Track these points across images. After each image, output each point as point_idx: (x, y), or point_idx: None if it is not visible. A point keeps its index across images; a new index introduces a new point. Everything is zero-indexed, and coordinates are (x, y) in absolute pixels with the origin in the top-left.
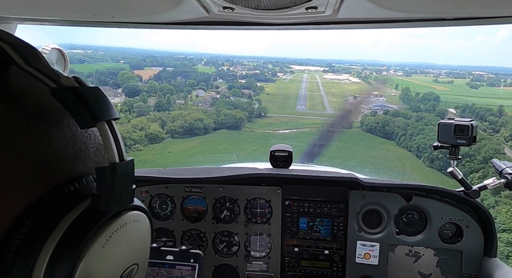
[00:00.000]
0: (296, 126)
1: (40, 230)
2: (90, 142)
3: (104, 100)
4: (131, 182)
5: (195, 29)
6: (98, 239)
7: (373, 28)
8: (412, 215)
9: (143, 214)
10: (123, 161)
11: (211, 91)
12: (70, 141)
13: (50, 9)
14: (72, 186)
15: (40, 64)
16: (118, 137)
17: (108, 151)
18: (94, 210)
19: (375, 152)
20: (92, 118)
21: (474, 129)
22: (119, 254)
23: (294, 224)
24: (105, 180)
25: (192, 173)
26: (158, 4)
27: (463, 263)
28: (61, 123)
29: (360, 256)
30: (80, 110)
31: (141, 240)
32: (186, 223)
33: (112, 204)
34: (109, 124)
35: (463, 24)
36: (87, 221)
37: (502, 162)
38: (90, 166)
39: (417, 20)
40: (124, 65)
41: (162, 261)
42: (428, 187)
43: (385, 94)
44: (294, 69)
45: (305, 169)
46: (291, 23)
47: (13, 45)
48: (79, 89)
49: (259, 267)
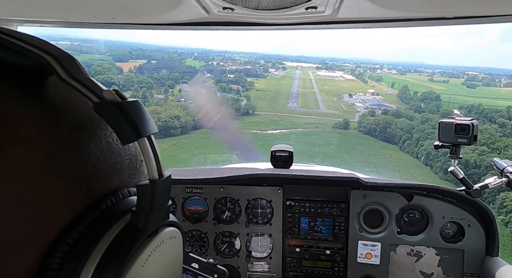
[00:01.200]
0: (287, 126)
1: (80, 248)
2: (125, 154)
3: (145, 115)
4: (168, 198)
5: (195, 30)
6: (139, 258)
7: (372, 27)
8: (414, 215)
9: (177, 230)
10: (162, 177)
11: (197, 86)
12: (108, 154)
13: (50, 10)
14: (109, 200)
15: (81, 76)
16: (157, 153)
17: (149, 167)
18: (133, 227)
19: (377, 158)
20: (135, 134)
21: (475, 128)
22: (157, 273)
23: (295, 224)
24: (145, 197)
25: (193, 173)
26: (158, 5)
27: (464, 262)
28: (99, 136)
29: (362, 255)
30: (123, 125)
31: (176, 257)
32: (187, 224)
33: (151, 221)
34: (149, 140)
35: (463, 23)
36: (128, 239)
37: (504, 160)
38: (124, 178)
39: (417, 19)
40: (107, 57)
41: (187, 267)
42: (429, 186)
43: (381, 92)
44: (286, 65)
45: (306, 169)
46: (291, 23)
47: (56, 57)
48: (122, 104)
49: (260, 267)
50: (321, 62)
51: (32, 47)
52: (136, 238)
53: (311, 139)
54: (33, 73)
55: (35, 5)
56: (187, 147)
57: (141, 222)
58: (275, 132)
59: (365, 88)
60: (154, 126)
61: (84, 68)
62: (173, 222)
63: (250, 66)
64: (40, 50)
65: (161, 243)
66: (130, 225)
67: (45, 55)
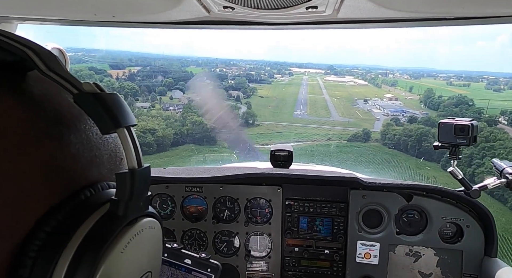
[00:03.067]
0: (294, 138)
1: (59, 236)
2: (104, 149)
3: (124, 106)
4: (148, 188)
5: (195, 28)
6: (117, 245)
7: (373, 27)
8: (413, 215)
9: (156, 221)
10: (141, 167)
11: (193, 93)
12: (87, 147)
13: (51, 8)
14: (89, 191)
15: (61, 70)
16: (136, 144)
17: (128, 156)
18: (112, 215)
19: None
20: (114, 124)
21: (474, 129)
22: (136, 261)
23: (294, 223)
24: (124, 185)
25: (192, 172)
26: (158, 4)
27: (463, 263)
28: (79, 129)
29: (361, 255)
30: (102, 116)
31: (155, 247)
32: (186, 223)
33: (130, 210)
34: (129, 130)
35: (464, 24)
36: (106, 227)
37: (503, 161)
38: (103, 172)
39: (418, 19)
40: (103, 65)
41: (180, 263)
42: (429, 186)
43: (400, 97)
44: (293, 71)
45: (306, 168)
46: (292, 23)
47: (36, 51)
48: (101, 95)
49: (259, 266)
50: (329, 67)
51: (14, 42)
52: (115, 225)
53: (323, 155)
54: (13, 68)
55: (36, 2)
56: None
57: (120, 209)
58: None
59: (380, 93)
60: (133, 118)
61: (64, 65)
62: (153, 213)
63: (255, 73)
64: (21, 45)
65: (140, 232)
66: (109, 213)
67: (26, 49)
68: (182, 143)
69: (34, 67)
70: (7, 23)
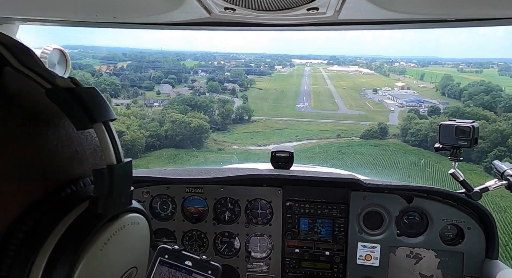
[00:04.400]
0: (297, 137)
1: (37, 234)
2: (87, 144)
3: (101, 101)
4: (129, 183)
5: (196, 30)
6: (96, 242)
7: (374, 29)
8: (413, 217)
9: (142, 216)
10: (121, 163)
11: (184, 86)
12: (66, 143)
13: (52, 9)
14: (69, 188)
15: (35, 65)
16: (115, 139)
17: (106, 152)
18: (91, 212)
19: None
20: (89, 119)
21: (475, 131)
22: (118, 257)
23: (295, 225)
24: (102, 182)
25: (193, 173)
26: (159, 5)
27: (464, 265)
28: (57, 125)
29: (361, 257)
30: (76, 111)
31: (140, 242)
32: (187, 224)
33: (110, 207)
34: (106, 126)
35: (464, 26)
36: (85, 224)
37: (504, 163)
38: (87, 168)
39: (419, 21)
40: (93, 61)
41: (180, 265)
42: (429, 188)
43: (412, 86)
44: (294, 62)
45: (306, 169)
46: (292, 24)
47: (7, 46)
48: (75, 90)
49: (259, 268)
50: (332, 58)
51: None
52: (93, 222)
53: (333, 157)
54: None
55: (37, 4)
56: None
57: (99, 207)
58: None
59: (389, 82)
60: (112, 112)
61: (40, 60)
62: (137, 208)
63: (254, 64)
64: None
65: (122, 228)
66: (88, 210)
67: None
68: (160, 146)
69: (6, 63)
70: (9, 24)
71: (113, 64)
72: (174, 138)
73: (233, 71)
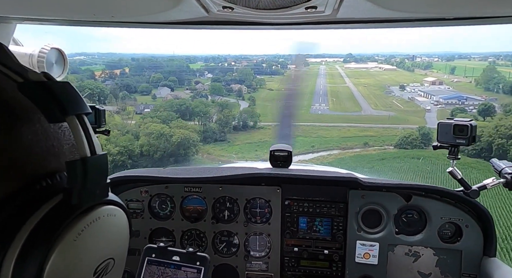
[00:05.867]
0: (313, 147)
1: (9, 226)
2: (64, 138)
3: (74, 94)
4: (105, 176)
5: (194, 29)
6: (69, 233)
7: (372, 28)
8: (412, 215)
9: (119, 209)
10: (94, 155)
11: (186, 89)
12: (42, 137)
13: (49, 8)
14: (44, 182)
15: (7, 59)
16: (89, 132)
17: (79, 145)
18: (65, 204)
19: None
20: (61, 113)
21: (473, 129)
22: (92, 248)
23: (293, 223)
24: (76, 174)
25: (191, 172)
26: (157, 4)
27: (462, 262)
28: (32, 119)
29: (360, 255)
30: (48, 104)
31: (117, 234)
32: (185, 223)
33: (84, 198)
34: (80, 119)
35: (463, 24)
36: (58, 216)
37: (502, 161)
38: (63, 162)
39: (417, 20)
40: (100, 67)
41: (168, 261)
42: (428, 186)
43: (444, 81)
44: (308, 61)
45: (305, 168)
46: (291, 23)
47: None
48: (47, 84)
49: (258, 266)
50: (348, 56)
51: None
52: (66, 214)
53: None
54: None
55: (35, 2)
56: None
57: (72, 198)
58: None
59: (416, 78)
60: (86, 106)
61: (13, 55)
62: (113, 200)
63: (266, 64)
64: None
65: (97, 219)
66: (62, 202)
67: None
68: (133, 166)
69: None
70: (6, 23)
71: (118, 69)
72: (151, 155)
73: (240, 71)
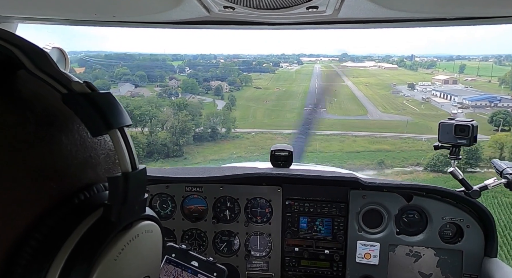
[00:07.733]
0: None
1: (50, 243)
2: (101, 148)
3: (117, 106)
4: (144, 191)
5: (196, 28)
6: (110, 252)
7: (374, 28)
8: (413, 215)
9: (155, 224)
10: (135, 170)
11: (156, 86)
12: (80, 148)
13: (51, 8)
14: (83, 195)
15: (51, 68)
16: (130, 145)
17: (121, 159)
18: (105, 221)
19: None
20: (105, 126)
21: (474, 129)
22: (131, 266)
23: (294, 223)
24: (117, 190)
25: (192, 172)
26: (158, 4)
27: (463, 263)
28: (71, 130)
29: (361, 255)
30: (92, 117)
31: (153, 251)
32: (186, 223)
33: (124, 215)
34: (122, 132)
35: (464, 24)
36: (99, 233)
37: (503, 162)
38: (100, 173)
39: (418, 20)
40: (73, 65)
41: (187, 265)
42: (429, 187)
43: (459, 80)
44: (303, 60)
45: (306, 168)
46: (292, 23)
47: (23, 49)
48: (91, 95)
49: (259, 266)
50: (343, 55)
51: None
52: (108, 232)
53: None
54: (1, 67)
55: (36, 2)
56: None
57: (113, 215)
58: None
59: (421, 77)
60: (128, 118)
61: (55, 63)
62: (150, 216)
63: (256, 62)
64: (6, 43)
65: (136, 237)
66: (102, 218)
67: (12, 47)
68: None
69: (21, 66)
70: (8, 23)
71: (83, 67)
72: None
73: (222, 68)
